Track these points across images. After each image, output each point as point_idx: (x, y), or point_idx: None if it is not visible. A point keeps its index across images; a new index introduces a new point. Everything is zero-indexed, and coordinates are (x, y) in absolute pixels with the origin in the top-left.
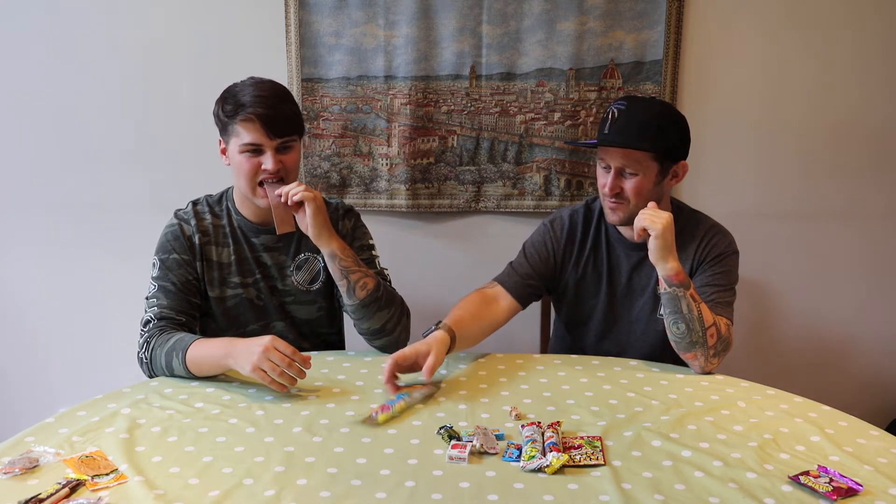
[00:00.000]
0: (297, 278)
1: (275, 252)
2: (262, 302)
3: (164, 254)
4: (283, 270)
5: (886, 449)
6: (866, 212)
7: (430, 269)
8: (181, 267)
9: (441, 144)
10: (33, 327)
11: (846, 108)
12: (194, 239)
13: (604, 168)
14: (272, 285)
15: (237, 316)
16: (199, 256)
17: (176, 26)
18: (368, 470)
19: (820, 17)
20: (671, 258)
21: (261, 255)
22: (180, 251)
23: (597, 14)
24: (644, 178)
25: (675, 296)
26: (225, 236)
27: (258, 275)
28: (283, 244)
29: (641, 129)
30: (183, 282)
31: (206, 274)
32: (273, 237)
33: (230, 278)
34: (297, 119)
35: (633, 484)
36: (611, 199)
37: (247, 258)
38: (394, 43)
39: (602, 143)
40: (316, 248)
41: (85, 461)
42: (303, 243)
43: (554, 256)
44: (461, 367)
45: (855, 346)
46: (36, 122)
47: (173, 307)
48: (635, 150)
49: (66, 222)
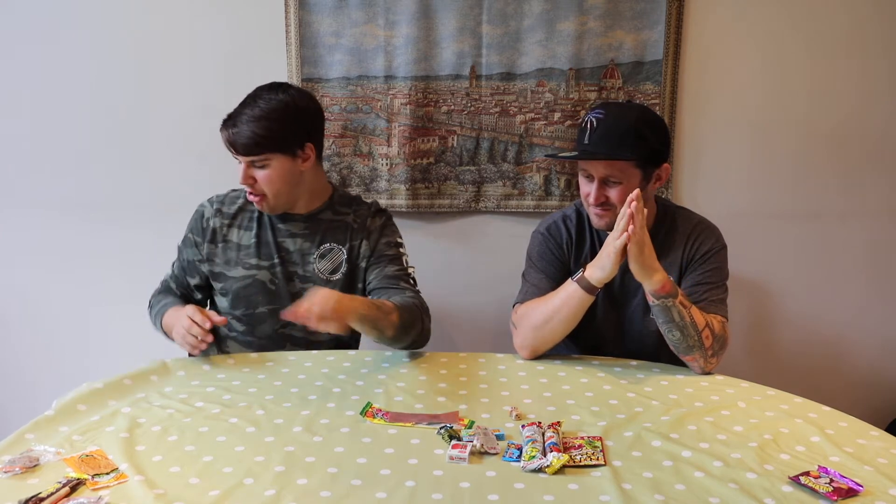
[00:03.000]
0: (318, 266)
1: (300, 238)
2: (276, 286)
3: (187, 230)
4: (305, 257)
5: (886, 449)
6: (866, 212)
7: (429, 269)
8: (189, 247)
9: (441, 144)
10: (34, 327)
11: (846, 107)
12: (211, 222)
13: (586, 178)
14: (292, 271)
15: (248, 296)
16: (212, 238)
17: (176, 26)
18: (368, 470)
19: (820, 17)
20: (654, 272)
21: (284, 241)
22: (194, 232)
23: (597, 14)
24: (628, 186)
25: (665, 306)
26: (251, 220)
27: (276, 259)
28: (309, 231)
29: (622, 138)
30: (188, 260)
31: (222, 254)
32: (300, 224)
33: (247, 259)
34: (267, 140)
35: (634, 484)
36: (595, 208)
37: (268, 242)
38: (394, 43)
39: (583, 157)
40: (341, 240)
41: (85, 460)
42: (328, 233)
43: (561, 262)
44: (461, 367)
45: (855, 347)
46: (36, 122)
47: (174, 279)
48: (618, 161)
49: (66, 222)
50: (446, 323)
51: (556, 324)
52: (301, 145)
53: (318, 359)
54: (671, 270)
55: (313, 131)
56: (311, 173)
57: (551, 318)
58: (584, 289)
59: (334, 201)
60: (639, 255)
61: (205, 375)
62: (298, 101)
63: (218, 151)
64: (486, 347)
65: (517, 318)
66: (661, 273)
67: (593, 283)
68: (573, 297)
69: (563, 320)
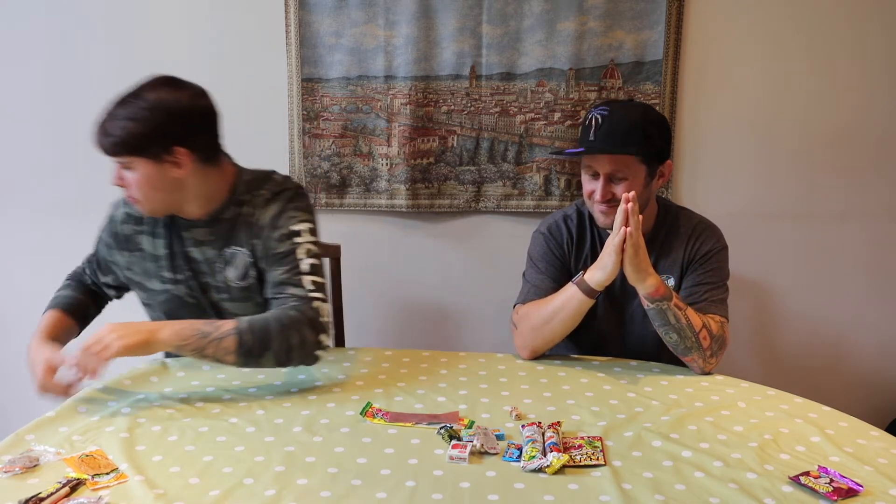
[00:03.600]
0: (227, 275)
1: (205, 246)
2: (195, 300)
3: (100, 231)
4: (213, 266)
5: (886, 449)
6: (866, 212)
7: (430, 269)
8: (104, 247)
9: (441, 144)
10: (34, 327)
11: (846, 107)
12: (122, 228)
13: (591, 175)
14: (204, 282)
15: (171, 312)
16: (125, 245)
17: (176, 26)
18: (369, 470)
19: (820, 17)
20: (648, 276)
21: (191, 251)
22: (107, 234)
23: (597, 14)
24: (634, 181)
25: (660, 310)
26: (161, 226)
27: (188, 271)
28: (213, 237)
29: (627, 134)
30: (103, 258)
31: (139, 263)
32: (202, 230)
33: (162, 272)
34: (124, 142)
35: (634, 484)
36: (601, 205)
37: (178, 252)
38: (394, 43)
39: (590, 152)
40: (243, 240)
41: (85, 460)
42: (231, 234)
43: (562, 262)
44: (461, 367)
45: (855, 347)
46: (36, 122)
47: (87, 270)
48: (624, 156)
49: (67, 223)
50: (446, 323)
51: (556, 325)
52: (167, 150)
53: None
54: (672, 270)
55: (189, 135)
56: (194, 179)
57: (551, 320)
58: (584, 292)
59: (237, 193)
60: (633, 256)
61: (205, 375)
62: (174, 102)
63: None
64: (486, 347)
65: (518, 318)
66: (655, 277)
67: (593, 286)
68: (573, 300)
69: (563, 322)
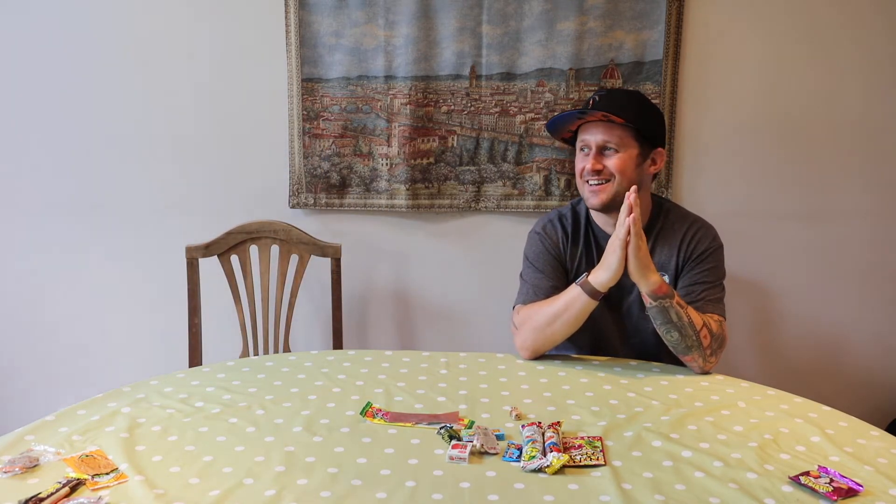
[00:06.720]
0: None
1: None
2: None
3: None
4: None
5: (886, 449)
6: (866, 212)
7: (430, 269)
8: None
9: (441, 144)
10: (34, 327)
11: (846, 107)
12: None
13: (584, 152)
14: None
15: None
16: None
17: (176, 26)
18: (368, 470)
19: (820, 18)
20: (650, 273)
21: None
22: None
23: (597, 14)
24: (626, 155)
25: (662, 307)
26: None
27: None
28: None
29: (625, 107)
30: None
31: None
32: None
33: None
34: None
35: (634, 484)
36: (593, 179)
37: None
38: (394, 43)
39: (587, 111)
40: None
41: (85, 460)
42: None
43: (558, 260)
44: (461, 368)
45: (855, 346)
46: (36, 123)
47: None
48: (616, 127)
49: (66, 222)
50: (446, 323)
51: (559, 327)
52: None
53: (318, 359)
54: (666, 268)
55: None
56: None
57: (553, 322)
58: (588, 293)
59: None
60: (637, 251)
61: (205, 375)
62: None
63: (218, 151)
64: (486, 347)
65: (519, 319)
66: (657, 274)
67: (597, 287)
68: (577, 302)
69: (566, 324)
